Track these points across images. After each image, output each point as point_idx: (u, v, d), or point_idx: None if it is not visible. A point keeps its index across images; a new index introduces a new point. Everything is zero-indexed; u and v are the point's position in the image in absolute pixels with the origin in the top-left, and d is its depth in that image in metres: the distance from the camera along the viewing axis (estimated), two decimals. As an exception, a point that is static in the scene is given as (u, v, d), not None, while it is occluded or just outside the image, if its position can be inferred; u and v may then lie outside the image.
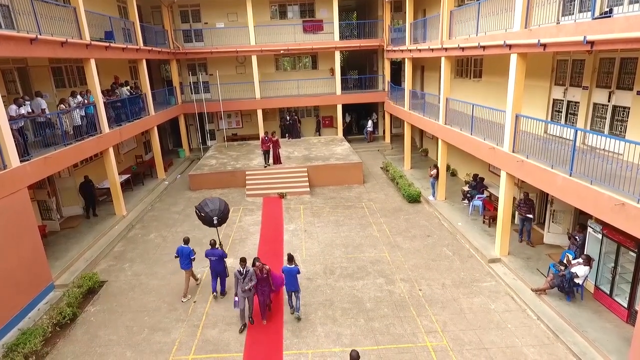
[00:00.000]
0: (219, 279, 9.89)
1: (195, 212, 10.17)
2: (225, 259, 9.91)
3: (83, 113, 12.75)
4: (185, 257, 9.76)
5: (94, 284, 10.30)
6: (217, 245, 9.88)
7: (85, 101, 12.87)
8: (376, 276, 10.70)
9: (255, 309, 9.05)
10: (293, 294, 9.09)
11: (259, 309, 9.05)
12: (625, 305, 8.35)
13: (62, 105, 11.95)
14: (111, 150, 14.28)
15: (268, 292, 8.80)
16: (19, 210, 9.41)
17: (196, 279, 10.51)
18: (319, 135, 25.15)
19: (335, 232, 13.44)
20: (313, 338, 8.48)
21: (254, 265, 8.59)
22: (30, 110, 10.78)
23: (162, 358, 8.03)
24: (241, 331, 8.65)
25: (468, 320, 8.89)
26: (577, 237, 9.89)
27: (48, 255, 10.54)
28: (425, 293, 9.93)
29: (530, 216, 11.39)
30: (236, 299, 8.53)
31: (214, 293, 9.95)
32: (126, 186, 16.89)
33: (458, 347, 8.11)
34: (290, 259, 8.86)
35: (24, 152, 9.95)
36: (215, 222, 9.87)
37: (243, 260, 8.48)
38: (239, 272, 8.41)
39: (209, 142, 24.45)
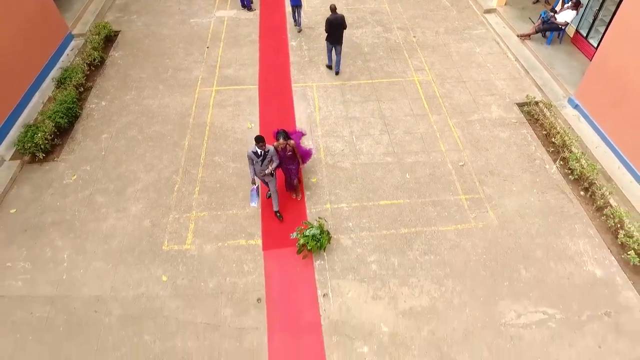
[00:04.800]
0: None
1: None
2: None
3: None
4: None
5: (109, 32, 10.94)
6: None
7: None
8: (374, 25, 11.31)
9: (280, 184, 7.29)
10: (296, 9, 10.75)
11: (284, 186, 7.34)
12: (595, 45, 9.35)
13: None
14: None
15: (296, 170, 6.88)
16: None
17: None
18: None
19: (337, -16, 13.17)
20: (317, 75, 9.81)
21: (277, 140, 6.39)
22: None
23: (190, 90, 9.52)
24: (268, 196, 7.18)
25: (453, 61, 10.06)
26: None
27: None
28: (418, 39, 10.78)
29: None
30: (254, 187, 6.54)
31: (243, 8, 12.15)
32: None
33: (440, 80, 9.53)
34: None
35: None
36: None
37: (259, 140, 6.06)
38: (255, 153, 6.19)
39: None
